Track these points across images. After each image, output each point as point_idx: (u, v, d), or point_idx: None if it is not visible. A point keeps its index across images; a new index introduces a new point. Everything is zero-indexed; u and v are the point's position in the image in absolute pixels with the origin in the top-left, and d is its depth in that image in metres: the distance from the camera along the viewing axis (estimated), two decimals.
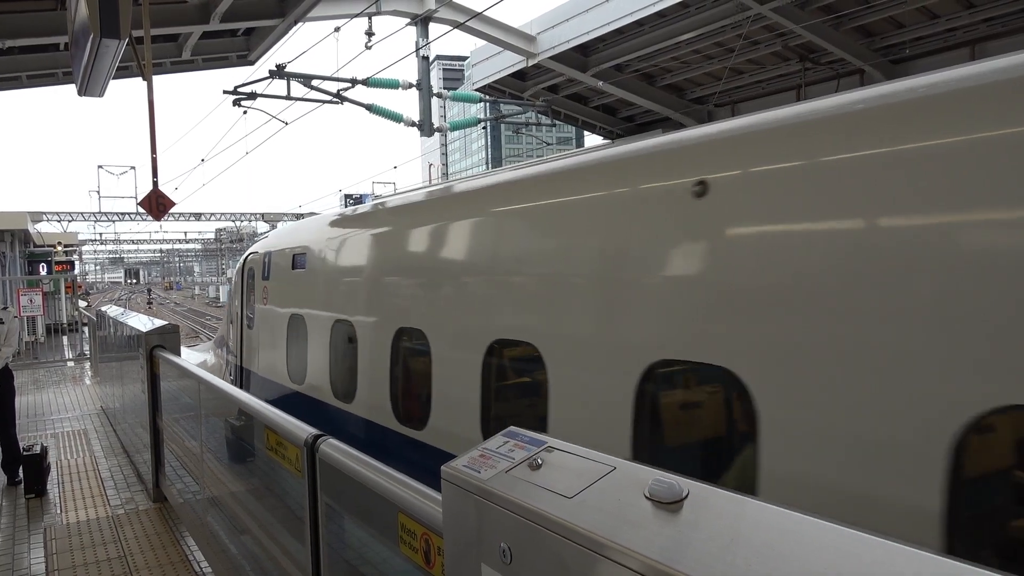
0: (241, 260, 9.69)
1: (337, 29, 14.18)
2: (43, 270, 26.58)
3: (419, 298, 5.12)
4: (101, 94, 7.11)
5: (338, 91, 14.58)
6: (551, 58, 15.49)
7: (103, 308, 12.60)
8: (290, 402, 7.21)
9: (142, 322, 7.65)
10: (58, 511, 6.48)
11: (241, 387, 7.74)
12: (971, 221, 2.19)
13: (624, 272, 3.41)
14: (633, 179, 3.54)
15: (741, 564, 1.05)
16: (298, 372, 7.09)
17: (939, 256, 2.21)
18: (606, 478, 1.38)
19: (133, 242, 62.95)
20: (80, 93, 7.15)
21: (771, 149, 2.87)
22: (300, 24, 12.35)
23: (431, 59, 16.20)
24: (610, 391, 3.36)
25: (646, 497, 1.26)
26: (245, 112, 15.16)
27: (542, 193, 4.21)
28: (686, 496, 1.23)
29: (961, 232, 2.20)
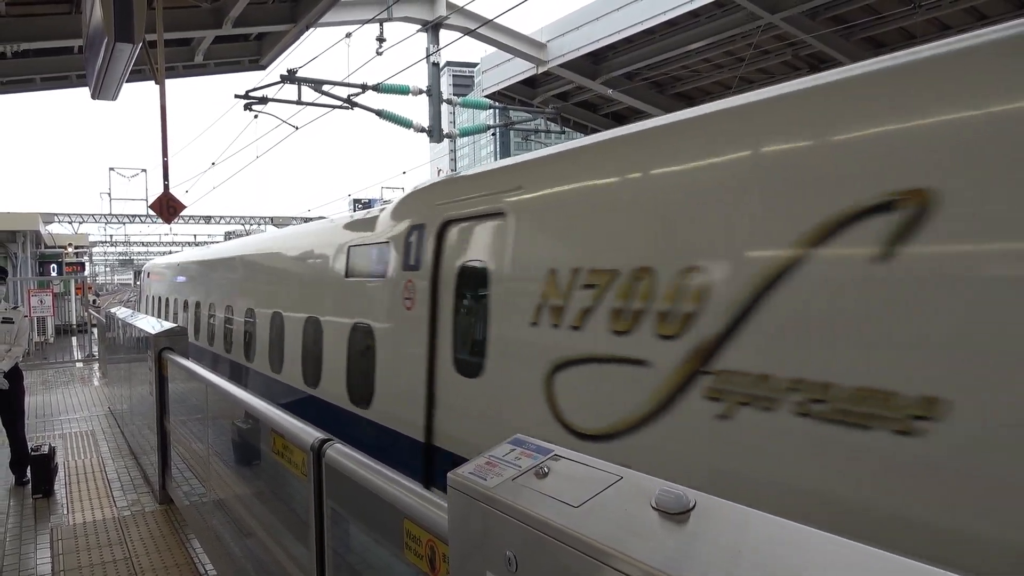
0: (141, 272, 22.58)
1: (348, 35, 14.27)
2: (54, 271, 26.76)
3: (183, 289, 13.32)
4: (114, 97, 7.17)
5: (348, 96, 14.65)
6: (561, 65, 15.52)
7: (112, 310, 12.68)
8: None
9: (150, 324, 7.68)
10: (65, 512, 6.51)
11: None
12: None
13: None
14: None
15: None
16: None
17: None
18: (613, 487, 1.37)
19: (143, 244, 63.14)
20: (94, 96, 7.22)
21: None
22: (312, 30, 12.45)
23: (441, 65, 16.27)
24: None
25: (652, 507, 1.26)
26: (256, 116, 15.26)
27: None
28: (693, 507, 1.23)
29: None
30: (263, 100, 14.39)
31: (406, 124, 15.81)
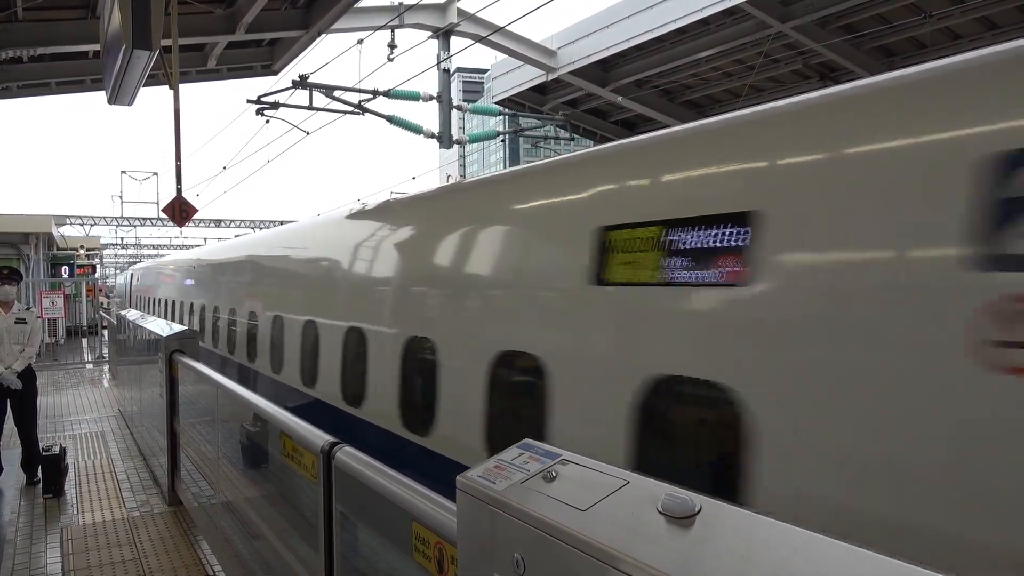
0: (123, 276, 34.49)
1: (360, 41, 14.34)
2: (65, 273, 26.95)
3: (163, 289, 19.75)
4: (130, 103, 7.24)
5: (359, 102, 14.73)
6: (571, 73, 15.56)
7: (122, 312, 12.78)
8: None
9: (161, 326, 7.74)
10: (75, 512, 6.56)
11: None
12: None
13: None
14: None
15: None
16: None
17: None
18: (619, 492, 1.39)
19: (154, 247, 63.42)
20: (110, 102, 7.28)
21: None
22: (323, 36, 12.54)
23: (451, 71, 16.33)
24: None
25: (659, 511, 1.28)
26: (268, 121, 15.35)
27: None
28: (698, 511, 1.25)
29: None
30: (275, 105, 14.49)
31: (416, 130, 15.86)
